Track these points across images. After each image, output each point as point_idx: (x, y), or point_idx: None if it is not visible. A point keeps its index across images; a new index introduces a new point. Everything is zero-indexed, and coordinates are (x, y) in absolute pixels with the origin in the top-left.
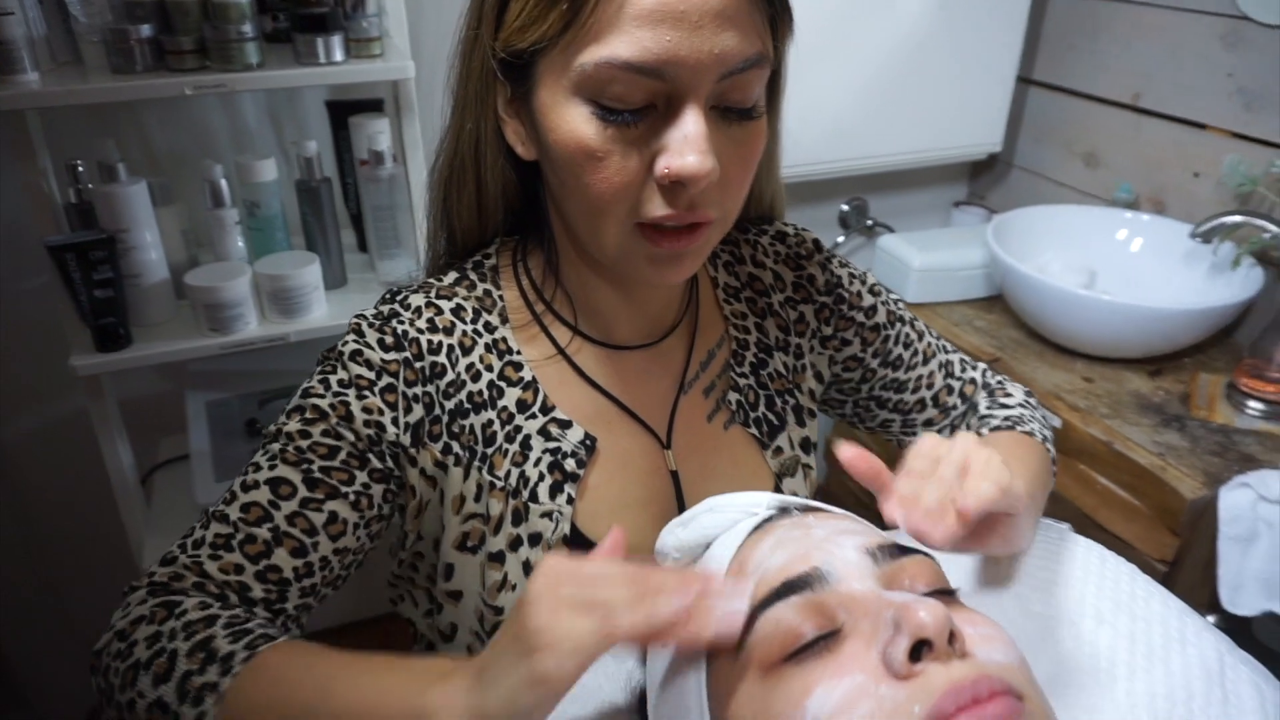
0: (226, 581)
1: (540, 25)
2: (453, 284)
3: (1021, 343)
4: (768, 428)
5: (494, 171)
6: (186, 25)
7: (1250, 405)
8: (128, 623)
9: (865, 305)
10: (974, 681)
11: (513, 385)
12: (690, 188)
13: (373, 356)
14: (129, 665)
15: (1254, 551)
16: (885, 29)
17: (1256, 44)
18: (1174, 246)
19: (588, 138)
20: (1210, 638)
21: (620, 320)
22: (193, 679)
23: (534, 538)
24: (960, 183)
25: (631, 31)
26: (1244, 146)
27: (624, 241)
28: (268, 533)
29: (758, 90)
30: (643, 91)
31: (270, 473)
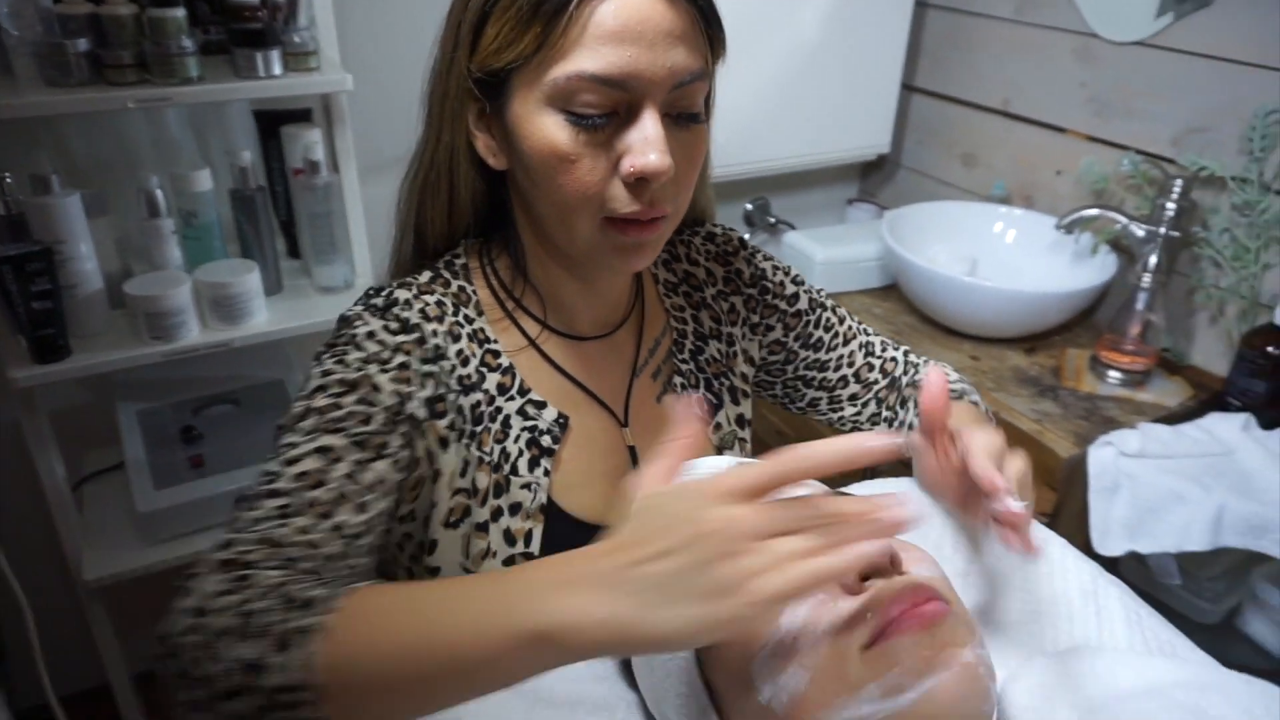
0: (296, 542)
1: (516, 46)
2: (429, 281)
3: (915, 327)
4: (708, 406)
5: (466, 181)
6: (123, 39)
7: (1110, 375)
8: (199, 599)
9: (788, 294)
10: (913, 589)
11: (492, 371)
12: (652, 183)
13: (386, 339)
14: (208, 636)
15: (1118, 500)
16: (782, 42)
17: (1105, 58)
18: (1042, 237)
19: (561, 143)
20: (1085, 565)
21: (581, 313)
22: (288, 625)
23: (514, 507)
24: (853, 182)
25: (597, 49)
26: (1097, 148)
27: (593, 235)
28: (327, 494)
29: (700, 100)
30: (608, 100)
31: (312, 444)
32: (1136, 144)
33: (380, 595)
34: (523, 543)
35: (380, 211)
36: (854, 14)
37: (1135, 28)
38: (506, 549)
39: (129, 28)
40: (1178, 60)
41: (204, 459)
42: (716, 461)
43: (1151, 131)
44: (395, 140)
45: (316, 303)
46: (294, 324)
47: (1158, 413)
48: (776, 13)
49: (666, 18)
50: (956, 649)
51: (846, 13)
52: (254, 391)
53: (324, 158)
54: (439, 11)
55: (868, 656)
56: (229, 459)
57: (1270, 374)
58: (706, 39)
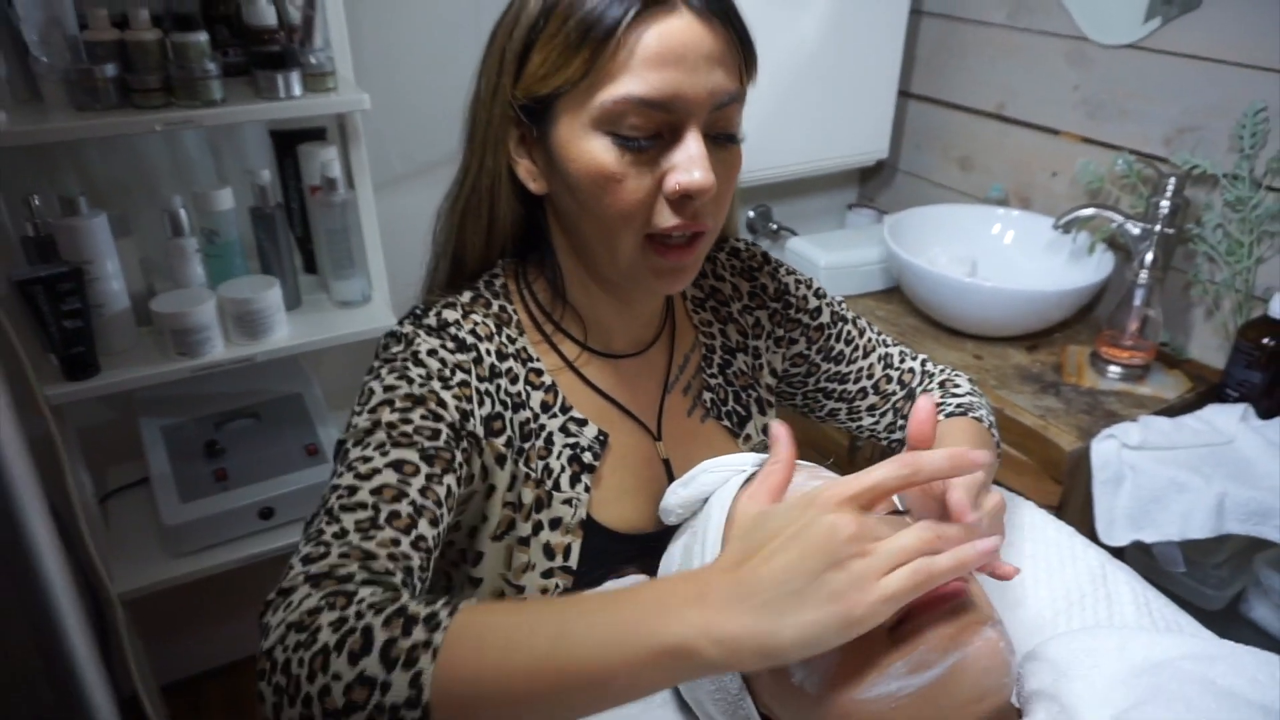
0: (390, 555)
1: (564, 72)
2: (471, 301)
3: (918, 328)
4: (737, 419)
5: (506, 205)
6: (148, 64)
7: (1110, 370)
8: (301, 614)
9: (810, 308)
10: None
11: (536, 389)
12: (696, 199)
13: (447, 357)
14: (315, 652)
15: (1121, 491)
16: (781, 52)
17: (1096, 61)
18: (1040, 237)
19: (609, 163)
20: (1093, 552)
21: (618, 332)
22: (398, 644)
23: (554, 522)
24: (852, 187)
25: (642, 73)
26: (1091, 149)
27: (635, 254)
28: (408, 507)
29: (738, 120)
30: (653, 122)
31: (386, 458)
32: (1130, 144)
33: (490, 615)
34: (561, 556)
35: (394, 226)
36: (851, 23)
37: (1125, 31)
38: (546, 562)
39: (154, 53)
40: (1167, 62)
41: (227, 472)
42: (737, 459)
43: (1144, 132)
44: (406, 156)
45: (335, 317)
46: (315, 338)
47: (1158, 405)
48: (775, 23)
49: (706, 41)
50: (979, 626)
51: (843, 22)
52: (274, 405)
53: (340, 175)
54: (448, 30)
55: (895, 636)
56: (252, 472)
57: (1266, 365)
58: (743, 61)
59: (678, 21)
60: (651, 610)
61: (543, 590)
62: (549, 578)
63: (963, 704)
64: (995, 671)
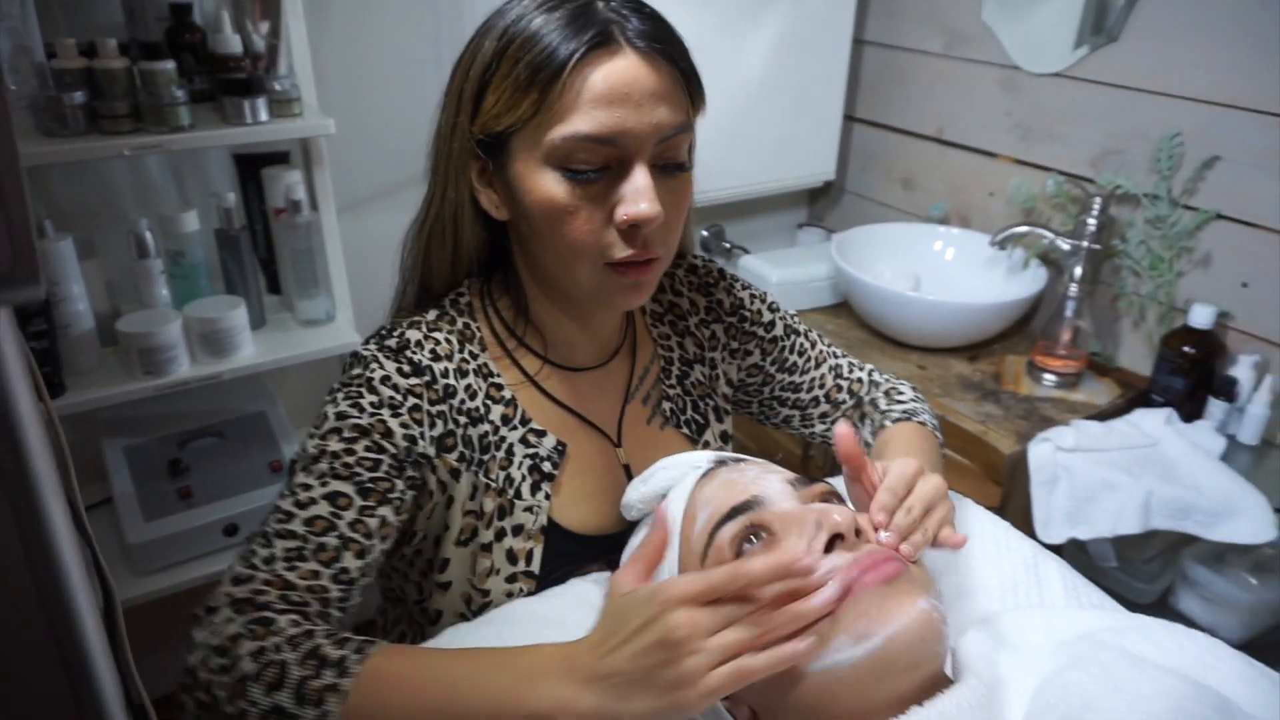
0: (309, 587)
1: (515, 111)
2: (436, 319)
3: (866, 340)
4: (695, 426)
5: (470, 233)
6: (116, 91)
7: (1045, 377)
8: (224, 639)
9: (764, 321)
10: (870, 553)
11: (496, 402)
12: (644, 229)
13: (400, 382)
14: (236, 679)
15: (1057, 491)
16: (731, 79)
17: (1026, 88)
18: (978, 253)
19: (560, 197)
20: (1026, 544)
21: (579, 347)
22: (310, 683)
23: (516, 529)
24: (801, 207)
25: (589, 111)
26: (1024, 171)
27: (594, 276)
28: (335, 540)
29: (685, 150)
30: (600, 157)
31: (324, 489)
32: (1059, 166)
33: (395, 664)
34: (524, 561)
35: (357, 247)
36: (797, 51)
37: (1053, 60)
38: (509, 567)
39: (121, 80)
40: (1093, 90)
41: (192, 490)
42: (692, 457)
43: (1072, 154)
44: (369, 179)
45: (300, 335)
46: (280, 356)
47: (1090, 411)
48: (726, 52)
49: (651, 79)
50: (914, 599)
51: (790, 50)
52: (238, 424)
53: (305, 197)
54: (408, 58)
55: (837, 611)
56: (217, 489)
57: (1188, 372)
58: (688, 95)
59: (622, 62)
60: (526, 680)
61: (507, 594)
62: (512, 582)
63: (900, 671)
64: (930, 640)
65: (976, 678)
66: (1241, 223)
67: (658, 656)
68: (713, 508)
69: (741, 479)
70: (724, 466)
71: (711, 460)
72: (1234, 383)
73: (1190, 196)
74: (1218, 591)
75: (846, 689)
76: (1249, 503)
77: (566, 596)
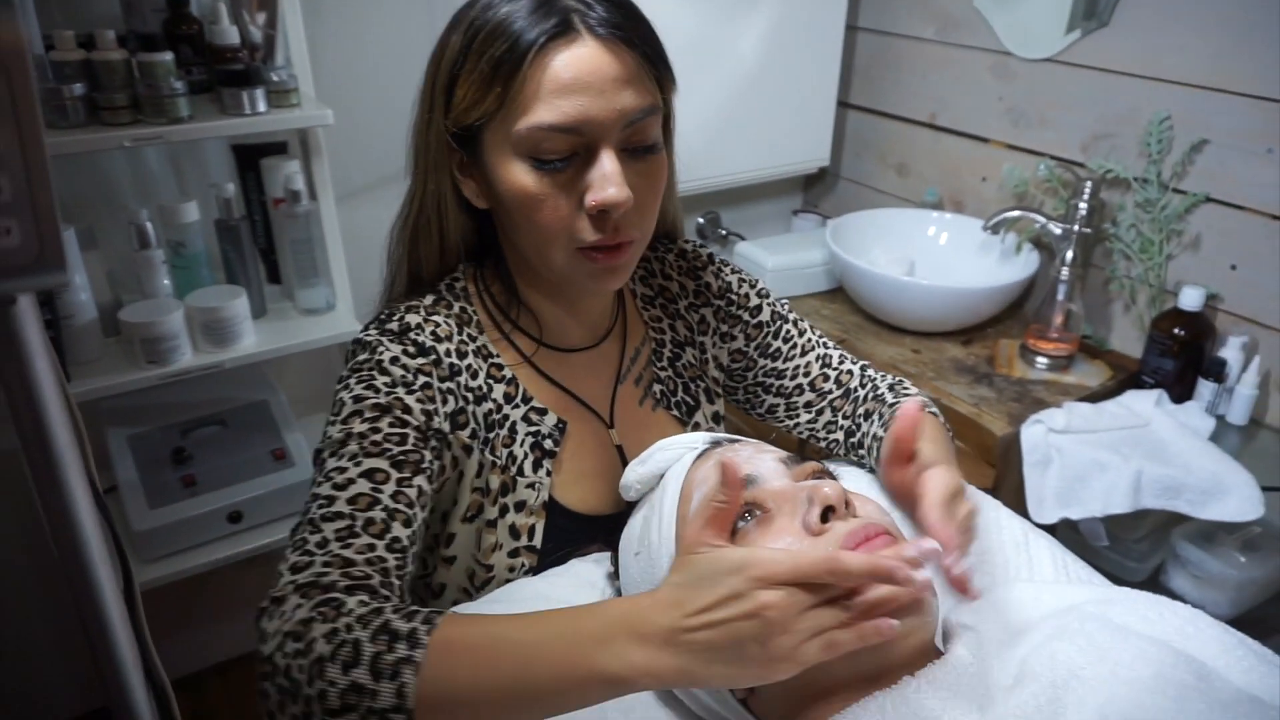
0: (368, 560)
1: (481, 105)
2: (434, 304)
3: (861, 325)
4: (686, 408)
5: (454, 222)
6: (115, 83)
7: (1038, 360)
8: (296, 624)
9: (751, 306)
10: (864, 526)
11: (498, 382)
12: (612, 214)
13: (408, 363)
14: (312, 660)
15: (1050, 472)
16: (726, 67)
17: (1018, 74)
18: (972, 238)
19: (529, 185)
20: (1017, 522)
21: (570, 329)
22: (384, 658)
23: (519, 505)
24: (796, 193)
25: (552, 101)
26: (1016, 155)
27: (569, 261)
28: (381, 513)
29: (655, 132)
30: (567, 145)
31: (359, 468)
32: (1050, 151)
33: (464, 632)
34: (526, 536)
35: (355, 236)
36: (791, 38)
37: (1045, 46)
38: (512, 542)
39: (120, 72)
40: (1083, 74)
41: (195, 478)
42: (689, 438)
43: (1063, 139)
44: (365, 169)
45: (300, 324)
46: (281, 344)
47: (1081, 393)
48: (719, 40)
49: (613, 66)
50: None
51: (784, 37)
52: (240, 412)
53: (303, 187)
54: (403, 48)
55: None
56: (220, 477)
57: (1178, 353)
58: (654, 78)
59: (582, 50)
60: (596, 644)
61: (509, 569)
62: (515, 557)
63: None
64: (921, 610)
65: (966, 648)
66: (1230, 205)
67: (749, 630)
68: (708, 486)
69: (736, 458)
70: (719, 447)
71: (707, 441)
72: (1223, 364)
73: (1179, 180)
74: (1207, 569)
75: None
76: (1238, 481)
77: (568, 576)
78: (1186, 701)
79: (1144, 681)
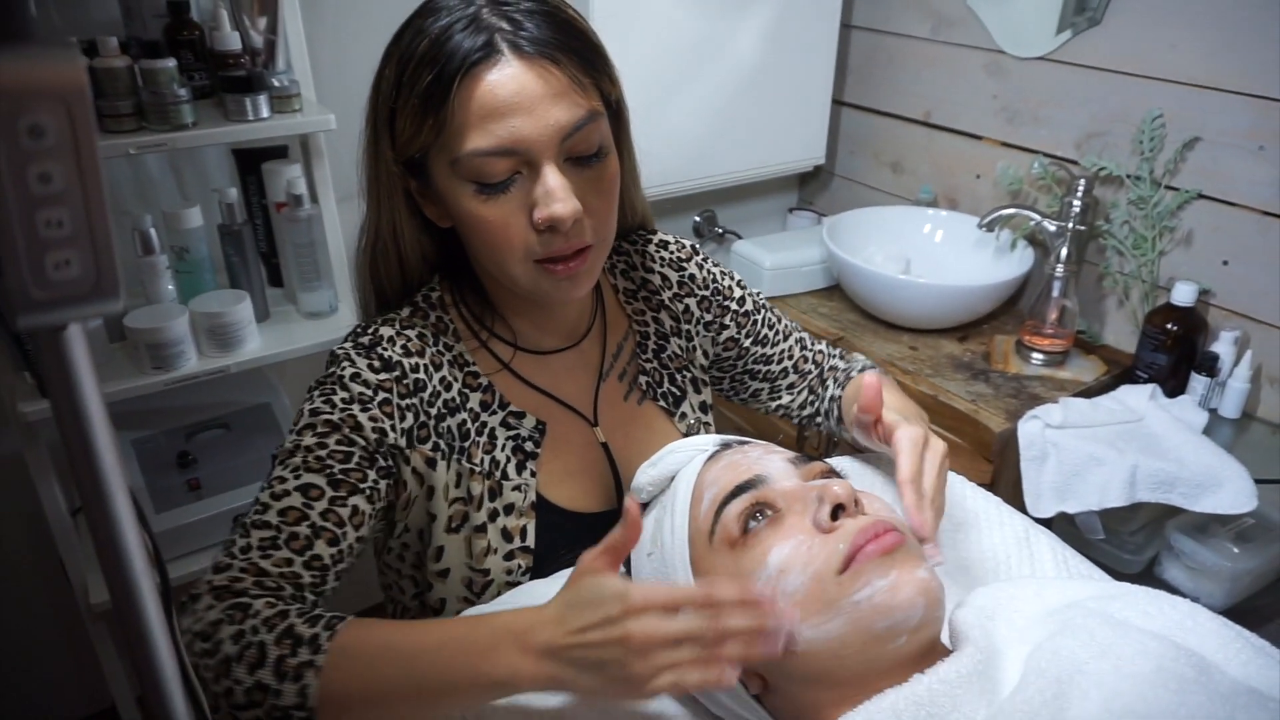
0: (282, 574)
1: (419, 137)
2: (410, 315)
3: (858, 323)
4: (673, 399)
5: (411, 245)
6: (118, 90)
7: (1034, 356)
8: (206, 625)
9: (736, 296)
10: (873, 524)
11: (474, 390)
12: (560, 227)
13: (370, 378)
14: (219, 660)
15: (1046, 467)
16: (721, 66)
17: (1012, 72)
18: (967, 235)
19: (477, 210)
20: (1018, 519)
21: (547, 333)
22: (287, 661)
23: (508, 508)
24: (792, 191)
25: (484, 126)
26: (1010, 153)
27: (529, 276)
28: (307, 529)
29: (597, 138)
30: (506, 166)
31: (297, 480)
32: (1044, 148)
33: (363, 638)
34: (519, 538)
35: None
36: (786, 36)
37: (1037, 44)
38: (505, 545)
39: (124, 79)
40: (1076, 73)
41: (200, 482)
42: (699, 440)
43: (1056, 137)
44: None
45: (304, 328)
46: (285, 349)
47: (1077, 388)
48: (715, 39)
49: (538, 84)
50: (913, 568)
51: (779, 35)
52: (243, 415)
53: (305, 191)
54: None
55: (842, 579)
56: (225, 480)
57: (1171, 348)
58: (592, 83)
59: (507, 70)
60: (485, 650)
61: (506, 572)
62: (510, 559)
63: (901, 637)
64: (930, 607)
65: (973, 645)
66: (1222, 202)
67: (613, 653)
68: (718, 488)
69: (744, 460)
70: (728, 449)
71: (717, 443)
72: (1215, 358)
73: (1172, 177)
74: (1202, 561)
75: (851, 653)
76: (1231, 474)
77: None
78: (1187, 694)
79: (1146, 675)
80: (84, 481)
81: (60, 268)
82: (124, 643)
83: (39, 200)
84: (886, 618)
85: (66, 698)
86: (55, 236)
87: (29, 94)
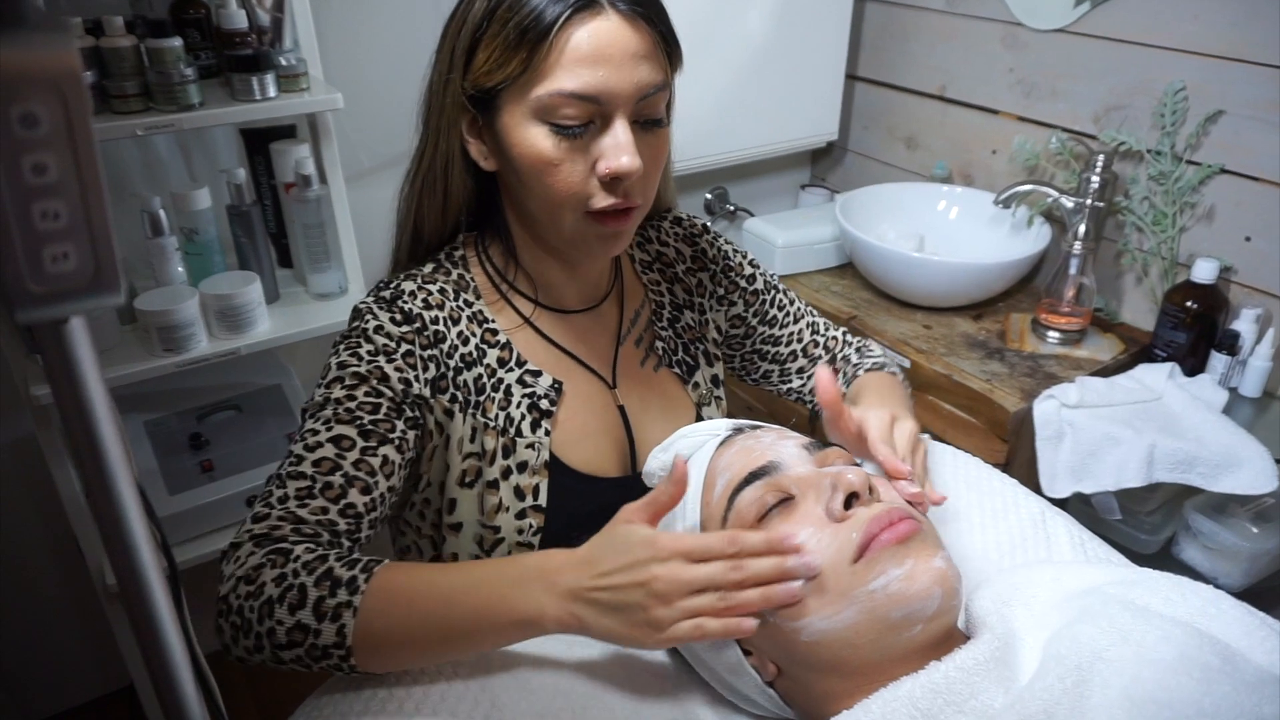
0: (319, 521)
1: (505, 69)
2: (432, 271)
3: (871, 301)
4: (686, 368)
5: (459, 182)
6: (124, 70)
7: (1050, 335)
8: (249, 569)
9: (746, 274)
10: (888, 511)
11: (492, 347)
12: (624, 180)
13: (392, 330)
14: (262, 602)
15: (1062, 447)
16: (733, 41)
17: (1029, 45)
18: (982, 212)
19: (546, 150)
20: (1033, 500)
21: (568, 291)
22: (326, 601)
23: (521, 465)
24: (804, 168)
25: (574, 70)
26: (1027, 128)
27: (577, 225)
28: (340, 479)
29: (663, 107)
30: (584, 112)
31: (329, 433)
32: (1062, 123)
33: (399, 579)
34: (531, 496)
35: (365, 218)
36: (798, 10)
37: (1056, 16)
38: (518, 503)
39: (130, 59)
40: (1095, 45)
41: (213, 463)
42: (712, 425)
43: (1074, 111)
44: (372, 151)
45: (314, 309)
46: (295, 330)
47: (1093, 367)
48: (726, 14)
49: (632, 41)
50: (929, 555)
51: (791, 9)
52: (254, 397)
53: (314, 171)
54: (409, 29)
55: (856, 568)
56: (237, 462)
57: (1190, 326)
58: (666, 56)
59: (605, 23)
60: (513, 587)
61: (518, 530)
62: (522, 518)
63: (916, 625)
64: (945, 594)
65: (990, 632)
66: (1244, 176)
67: (636, 596)
68: (731, 473)
69: (758, 445)
70: (741, 434)
71: (730, 428)
72: (1236, 336)
73: (1193, 151)
74: (1219, 541)
75: (865, 642)
76: (1251, 454)
77: None
78: (1212, 683)
79: (1168, 663)
80: (89, 472)
81: (58, 261)
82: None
83: (34, 192)
84: (902, 607)
85: (85, 676)
86: (52, 229)
87: (20, 81)
